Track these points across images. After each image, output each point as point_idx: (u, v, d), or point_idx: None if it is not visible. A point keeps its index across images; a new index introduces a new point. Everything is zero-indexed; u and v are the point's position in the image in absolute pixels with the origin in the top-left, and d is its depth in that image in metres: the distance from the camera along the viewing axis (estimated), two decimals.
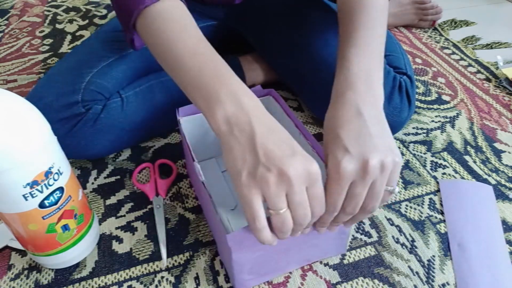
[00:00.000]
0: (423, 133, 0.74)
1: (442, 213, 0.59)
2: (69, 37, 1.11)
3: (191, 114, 0.58)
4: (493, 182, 0.64)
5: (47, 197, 0.44)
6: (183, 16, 0.46)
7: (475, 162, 0.68)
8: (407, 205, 0.60)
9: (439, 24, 1.11)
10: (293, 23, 0.72)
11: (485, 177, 0.65)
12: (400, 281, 0.51)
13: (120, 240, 0.57)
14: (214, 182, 0.62)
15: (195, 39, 0.44)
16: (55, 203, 0.46)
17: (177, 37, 0.44)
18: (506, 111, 0.79)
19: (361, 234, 0.56)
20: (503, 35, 1.05)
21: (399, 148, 0.71)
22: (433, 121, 0.77)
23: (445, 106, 0.81)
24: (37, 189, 0.43)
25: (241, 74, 0.81)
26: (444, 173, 0.66)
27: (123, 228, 0.58)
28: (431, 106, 0.81)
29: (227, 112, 0.38)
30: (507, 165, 0.67)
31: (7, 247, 0.56)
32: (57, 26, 1.18)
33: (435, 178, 0.65)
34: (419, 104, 0.81)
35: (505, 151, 0.70)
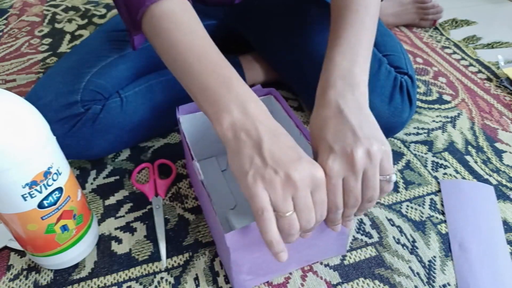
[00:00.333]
0: (424, 133, 0.74)
1: (443, 214, 0.59)
2: (68, 37, 1.11)
3: (191, 112, 0.58)
4: (494, 182, 0.64)
5: (46, 198, 0.44)
6: (191, 16, 0.46)
7: (476, 162, 0.67)
8: (408, 206, 0.60)
9: (440, 23, 1.11)
10: (293, 22, 0.72)
11: (486, 177, 0.65)
12: (400, 282, 0.50)
13: (119, 240, 0.56)
14: (213, 181, 0.62)
15: (202, 42, 0.43)
16: (54, 204, 0.46)
17: (184, 39, 0.43)
18: (507, 111, 0.79)
19: (362, 234, 0.56)
20: (504, 35, 1.05)
21: (400, 148, 0.70)
22: (434, 121, 0.77)
23: (446, 106, 0.80)
24: (36, 190, 0.43)
25: (241, 73, 0.80)
26: (445, 173, 0.65)
27: (122, 228, 0.58)
28: (432, 106, 0.81)
29: (234, 118, 0.39)
30: (508, 165, 0.67)
31: (6, 248, 0.56)
32: (56, 25, 1.18)
33: (436, 178, 0.65)
34: (420, 104, 0.81)
35: (506, 151, 0.70)
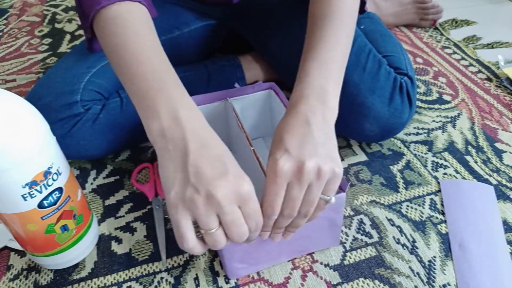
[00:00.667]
0: (424, 133, 0.74)
1: (443, 214, 0.59)
2: (68, 37, 1.11)
3: None
4: (494, 182, 0.64)
5: (46, 198, 0.44)
6: (138, 21, 0.45)
7: (476, 162, 0.67)
8: (408, 206, 0.60)
9: (440, 23, 1.11)
10: (292, 21, 0.72)
11: (486, 177, 0.65)
12: (401, 282, 0.50)
13: (119, 240, 0.56)
14: None
15: (145, 46, 0.42)
16: (54, 204, 0.46)
17: (126, 43, 0.42)
18: (507, 111, 0.79)
19: (362, 234, 0.56)
20: (504, 35, 1.05)
21: (400, 148, 0.70)
22: (434, 121, 0.77)
23: (446, 106, 0.80)
24: (36, 190, 0.43)
25: (241, 73, 0.81)
26: (445, 173, 0.65)
27: (122, 228, 0.58)
28: (432, 106, 0.81)
29: (163, 125, 0.38)
30: (508, 165, 0.67)
31: (6, 248, 0.56)
32: (56, 25, 1.17)
33: (436, 178, 0.65)
34: (420, 104, 0.81)
35: (506, 151, 0.69)
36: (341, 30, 0.48)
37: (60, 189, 0.46)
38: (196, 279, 0.51)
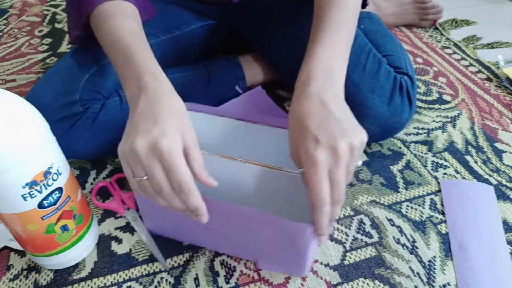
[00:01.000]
0: (424, 133, 0.74)
1: (443, 214, 0.59)
2: (68, 37, 1.11)
3: (189, 110, 0.57)
4: (494, 182, 0.64)
5: (46, 198, 0.44)
6: (122, 16, 0.51)
7: (476, 162, 0.67)
8: (408, 206, 0.60)
9: (440, 23, 1.11)
10: (292, 21, 0.72)
11: (486, 177, 0.65)
12: (401, 282, 0.50)
13: (119, 240, 0.56)
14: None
15: (124, 35, 0.48)
16: (54, 204, 0.46)
17: (108, 37, 0.50)
18: (507, 111, 0.79)
19: (362, 234, 0.56)
20: (504, 35, 1.05)
21: (400, 148, 0.70)
22: (434, 121, 0.77)
23: (446, 106, 0.80)
24: (36, 190, 0.43)
25: (241, 73, 0.80)
26: (445, 173, 0.65)
27: (122, 228, 0.58)
28: (432, 106, 0.81)
29: (131, 92, 0.44)
30: (508, 165, 0.67)
31: (6, 248, 0.56)
32: (56, 25, 1.17)
33: (436, 178, 0.65)
34: (420, 104, 0.81)
35: (506, 151, 0.69)
36: (346, 12, 0.50)
37: (60, 189, 0.46)
38: (196, 279, 0.51)
